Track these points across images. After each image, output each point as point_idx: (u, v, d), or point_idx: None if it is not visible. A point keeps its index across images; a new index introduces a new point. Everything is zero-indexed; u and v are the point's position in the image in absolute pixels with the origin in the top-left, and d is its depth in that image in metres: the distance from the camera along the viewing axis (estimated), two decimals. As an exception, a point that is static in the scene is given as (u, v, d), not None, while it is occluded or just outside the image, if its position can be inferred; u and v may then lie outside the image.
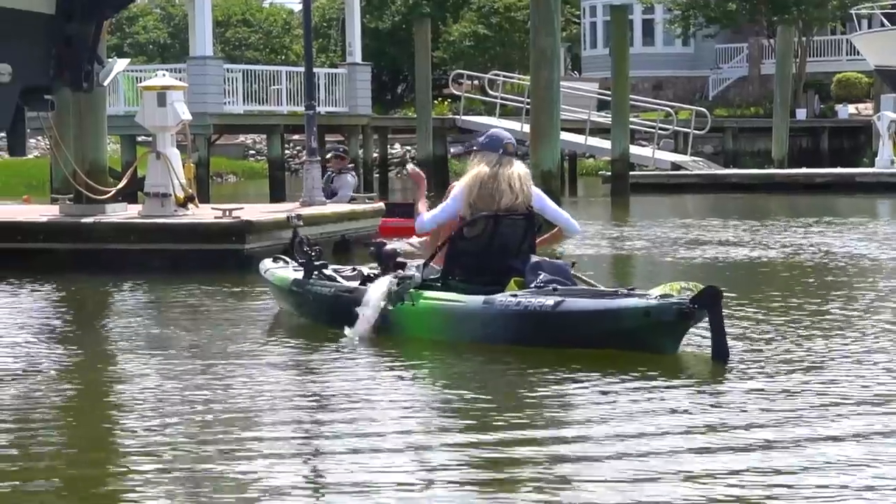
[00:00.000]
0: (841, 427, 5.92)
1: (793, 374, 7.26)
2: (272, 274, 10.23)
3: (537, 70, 21.00)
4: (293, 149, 43.32)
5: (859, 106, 46.20)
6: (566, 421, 6.31)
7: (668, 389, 6.85)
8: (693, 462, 5.34)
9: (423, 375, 7.59)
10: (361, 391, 6.97)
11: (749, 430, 5.88)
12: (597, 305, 7.87)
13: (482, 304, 8.21)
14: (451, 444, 5.78)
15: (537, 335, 7.95)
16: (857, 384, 6.96)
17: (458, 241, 8.61)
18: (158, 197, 14.98)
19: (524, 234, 8.69)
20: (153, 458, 5.59)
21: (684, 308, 7.57)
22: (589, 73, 50.93)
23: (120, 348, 8.63)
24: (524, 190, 8.66)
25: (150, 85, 15.54)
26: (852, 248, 15.59)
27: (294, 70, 29.88)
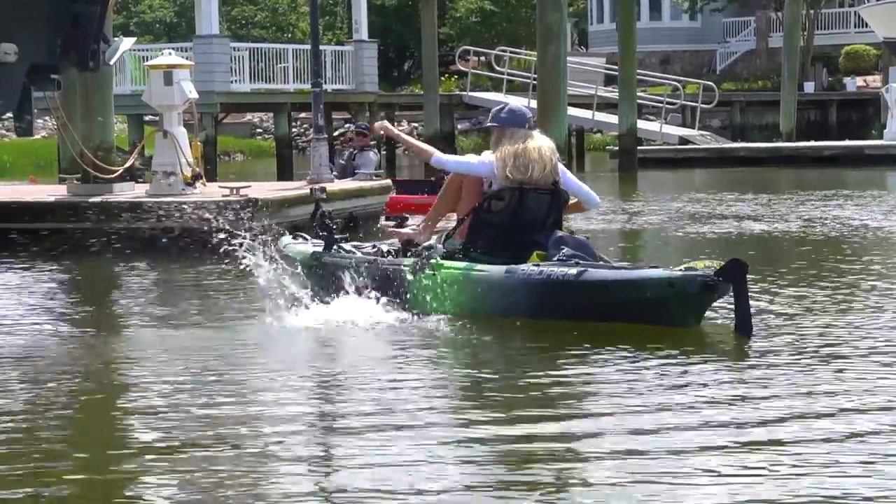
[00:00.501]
0: (869, 401, 5.87)
1: (818, 347, 7.21)
2: (291, 248, 10.13)
3: (544, 45, 20.96)
4: (300, 127, 43.28)
5: (867, 78, 46.06)
6: (588, 396, 6.25)
7: (691, 364, 6.79)
8: (715, 438, 5.30)
9: (443, 351, 7.46)
10: (379, 369, 6.88)
11: (773, 406, 5.83)
12: (620, 275, 7.82)
13: (504, 273, 8.15)
14: (470, 421, 5.71)
15: (559, 305, 7.88)
16: (885, 358, 6.90)
17: (483, 213, 8.55)
18: (166, 175, 14.99)
19: (549, 208, 8.63)
20: (161, 438, 5.57)
21: (709, 280, 7.48)
22: (596, 48, 50.80)
23: (131, 327, 8.62)
24: (553, 162, 8.63)
25: (156, 64, 15.53)
26: (872, 221, 15.51)
27: (300, 48, 29.86)
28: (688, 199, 20.61)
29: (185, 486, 4.90)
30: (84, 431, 5.93)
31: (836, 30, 49.76)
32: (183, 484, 4.92)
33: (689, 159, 31.96)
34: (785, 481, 4.67)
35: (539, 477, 4.82)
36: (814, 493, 4.53)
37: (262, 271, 8.99)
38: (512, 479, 4.81)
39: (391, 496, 4.62)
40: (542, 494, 4.60)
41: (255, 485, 4.82)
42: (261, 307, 9.00)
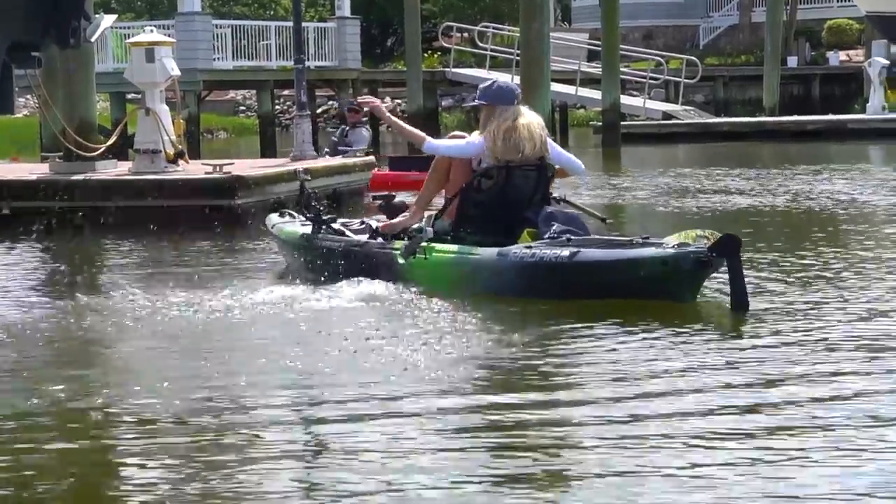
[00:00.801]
0: (866, 378, 5.84)
1: (814, 322, 7.20)
2: (280, 229, 10.15)
3: (527, 21, 20.90)
4: (283, 104, 43.17)
5: (850, 52, 46.06)
6: (582, 373, 6.20)
7: (687, 340, 6.76)
8: (712, 415, 5.28)
9: (433, 333, 7.29)
10: (371, 349, 6.78)
11: (770, 382, 5.82)
12: (613, 255, 7.79)
13: (496, 256, 8.13)
14: (465, 401, 5.67)
15: (553, 287, 7.86)
16: (882, 332, 6.88)
17: (472, 193, 8.52)
18: (148, 153, 14.95)
19: (536, 185, 8.64)
20: (148, 424, 5.50)
21: (703, 257, 7.49)
22: (579, 24, 50.70)
23: (116, 307, 8.53)
24: (542, 138, 8.62)
25: (138, 41, 15.48)
26: (861, 196, 15.49)
27: (283, 25, 29.76)
28: (674, 174, 20.60)
29: (168, 468, 4.89)
30: (60, 410, 5.90)
31: (819, 4, 49.71)
32: (166, 467, 4.91)
33: (672, 134, 31.95)
34: (783, 467, 4.61)
35: (531, 461, 4.78)
36: (809, 480, 4.46)
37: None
38: (504, 463, 4.77)
39: (379, 481, 4.58)
40: (535, 479, 4.58)
41: (234, 473, 4.77)
42: (249, 286, 8.98)
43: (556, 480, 4.59)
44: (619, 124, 30.82)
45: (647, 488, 4.41)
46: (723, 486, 4.40)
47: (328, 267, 9.18)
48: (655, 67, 36.92)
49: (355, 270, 8.80)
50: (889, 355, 6.35)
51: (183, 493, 4.56)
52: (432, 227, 8.62)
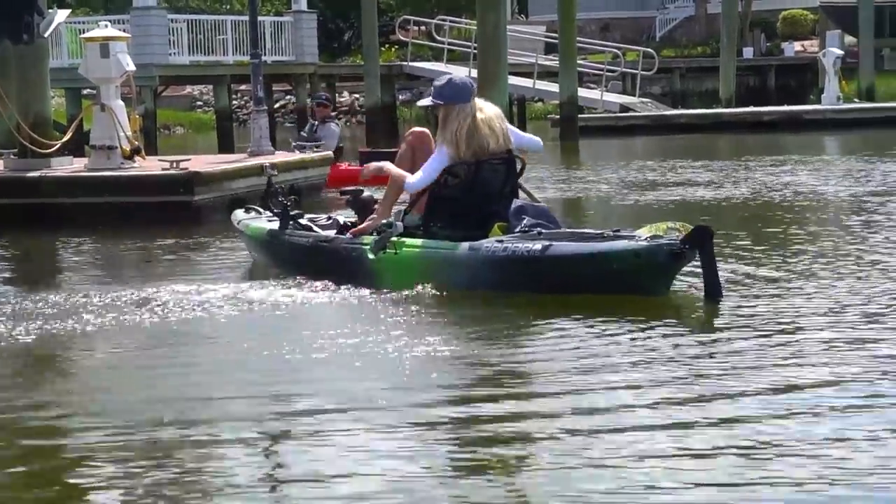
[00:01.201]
0: (841, 368, 5.83)
1: (788, 311, 7.20)
2: (246, 225, 10.05)
3: (483, 14, 20.89)
4: (241, 99, 43.03)
5: (805, 43, 46.39)
6: (555, 369, 6.05)
7: (661, 333, 6.71)
8: (689, 408, 5.24)
9: (410, 328, 7.21)
10: (344, 347, 6.68)
11: (747, 372, 5.80)
12: (585, 249, 7.71)
13: (468, 250, 8.06)
14: (431, 400, 5.57)
15: (525, 281, 7.79)
16: (854, 321, 6.90)
17: (440, 188, 8.44)
18: (104, 150, 14.85)
19: (505, 178, 8.56)
20: (108, 430, 5.37)
21: (675, 249, 7.45)
22: (536, 17, 50.80)
23: (73, 307, 8.43)
24: (504, 130, 8.56)
25: (92, 36, 15.36)
26: (826, 186, 15.49)
27: (239, 19, 29.64)
28: (636, 166, 20.52)
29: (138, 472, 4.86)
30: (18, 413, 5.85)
31: (774, -5, 50.03)
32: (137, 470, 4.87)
33: (630, 127, 32.05)
34: (758, 460, 4.58)
35: (500, 457, 4.74)
36: (783, 471, 4.44)
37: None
38: (473, 459, 4.73)
39: (349, 480, 4.53)
40: (502, 475, 4.55)
41: (204, 471, 4.73)
42: (211, 283, 8.92)
43: (530, 473, 4.58)
44: (576, 117, 30.88)
45: (621, 479, 4.40)
46: (693, 474, 4.41)
47: (296, 263, 9.12)
48: (612, 60, 37.04)
49: (324, 266, 8.74)
50: (863, 342, 6.37)
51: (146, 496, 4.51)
52: (402, 221, 8.53)
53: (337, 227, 9.29)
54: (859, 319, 6.99)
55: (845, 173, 17.40)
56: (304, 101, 31.80)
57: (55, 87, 25.16)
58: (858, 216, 12.21)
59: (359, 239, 8.74)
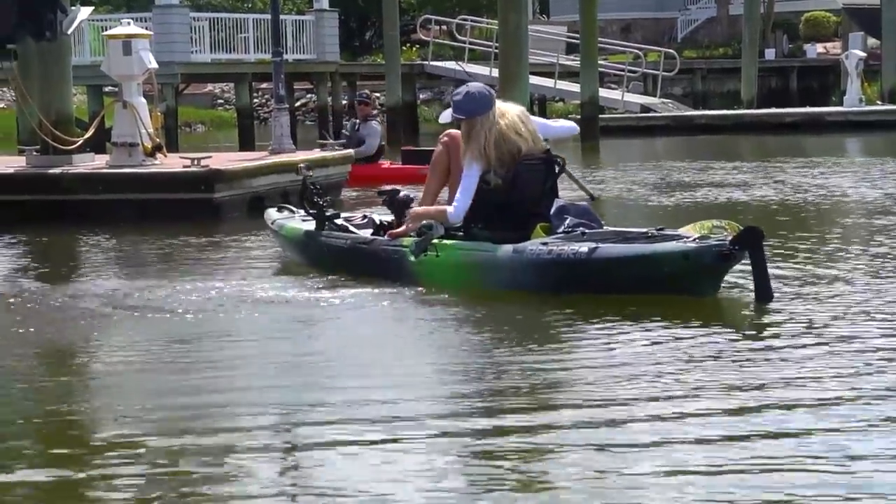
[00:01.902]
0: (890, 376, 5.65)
1: (840, 316, 7.01)
2: (280, 225, 9.93)
3: (505, 14, 20.86)
4: (262, 97, 43.09)
5: (827, 45, 46.23)
6: (601, 370, 5.95)
7: (710, 338, 6.55)
8: (738, 415, 5.09)
9: (450, 332, 7.08)
10: (381, 352, 6.60)
11: (798, 380, 5.60)
12: (633, 251, 7.58)
13: (512, 253, 7.94)
14: (475, 402, 5.46)
15: (572, 283, 7.67)
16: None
17: (480, 190, 8.26)
18: (126, 147, 14.89)
19: (545, 177, 8.41)
20: (131, 435, 5.27)
21: (724, 250, 7.32)
22: (557, 17, 50.74)
23: (96, 303, 8.43)
24: (531, 129, 8.41)
25: (114, 33, 15.41)
26: (866, 189, 15.22)
27: (261, 17, 29.68)
28: (666, 167, 20.26)
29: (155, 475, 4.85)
30: (35, 413, 5.82)
31: (797, -3, 49.89)
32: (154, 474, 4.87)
33: (650, 127, 31.99)
34: (810, 472, 4.40)
35: (533, 470, 4.57)
36: (833, 485, 4.27)
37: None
38: (506, 470, 4.55)
39: (373, 489, 4.40)
40: (535, 489, 4.36)
41: (219, 480, 4.63)
42: (236, 281, 8.86)
43: (573, 482, 4.40)
44: (597, 117, 30.81)
45: (661, 495, 4.22)
46: (736, 489, 4.25)
47: (333, 264, 9.03)
48: (633, 60, 36.96)
49: (362, 268, 8.68)
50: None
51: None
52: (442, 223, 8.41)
53: (373, 227, 9.18)
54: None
55: (882, 175, 17.18)
56: (325, 99, 31.85)
57: (77, 84, 25.21)
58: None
59: (398, 241, 8.64)
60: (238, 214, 14.12)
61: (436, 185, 8.84)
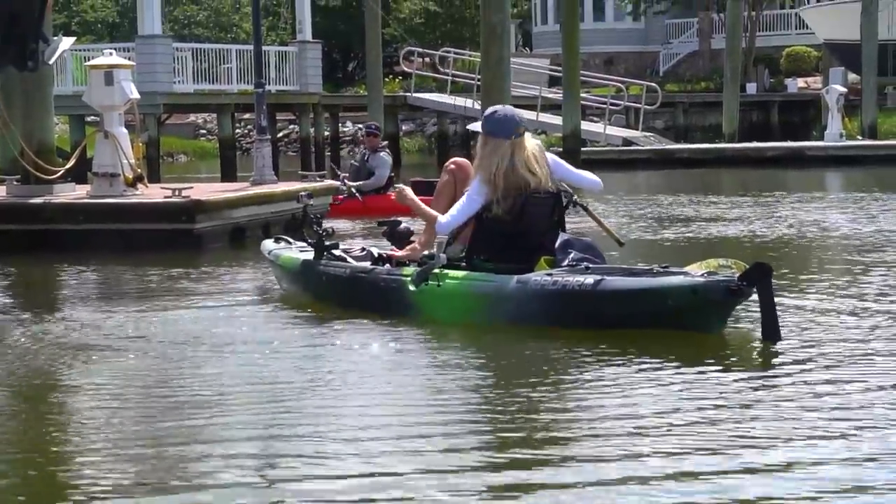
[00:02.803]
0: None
1: (849, 353, 6.88)
2: (277, 255, 9.81)
3: (488, 46, 20.95)
4: (244, 127, 43.09)
5: (808, 80, 46.46)
6: (601, 408, 5.86)
7: (715, 376, 6.45)
8: (746, 456, 5.00)
9: (445, 359, 7.04)
10: (374, 377, 6.56)
11: (803, 424, 5.49)
12: (640, 284, 7.48)
13: (515, 283, 7.83)
14: (470, 439, 5.38)
15: (576, 316, 7.57)
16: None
17: (486, 221, 8.16)
18: (107, 177, 14.86)
19: (552, 211, 8.29)
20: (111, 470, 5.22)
21: (733, 286, 7.21)
22: (540, 50, 50.93)
23: (72, 336, 8.37)
24: (544, 167, 8.25)
25: (96, 64, 15.40)
26: (863, 225, 15.02)
27: (244, 48, 29.69)
28: (653, 201, 20.04)
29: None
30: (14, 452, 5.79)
31: (778, 31, 50.18)
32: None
33: (632, 160, 32.05)
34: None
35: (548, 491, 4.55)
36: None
37: None
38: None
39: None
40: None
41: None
42: (216, 312, 8.80)
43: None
44: (579, 150, 30.88)
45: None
46: None
47: (332, 295, 8.94)
48: (616, 93, 37.08)
49: (362, 298, 8.59)
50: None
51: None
52: (444, 252, 8.29)
53: (371, 259, 9.08)
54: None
55: (881, 210, 17.05)
56: (308, 130, 31.87)
57: (59, 114, 25.21)
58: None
59: (399, 270, 8.55)
60: (219, 245, 14.09)
61: (441, 213, 8.61)
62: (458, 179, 8.61)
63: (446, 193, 8.65)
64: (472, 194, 8.21)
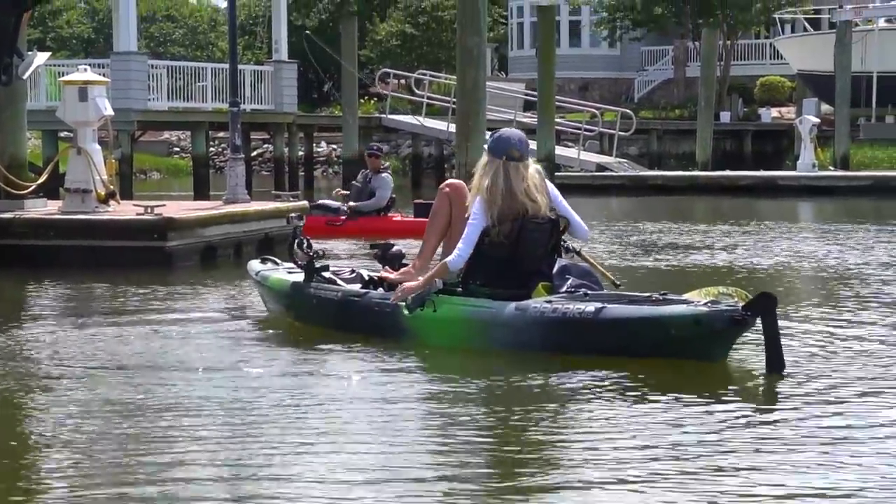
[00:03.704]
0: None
1: (855, 385, 6.86)
2: (265, 277, 9.59)
3: (463, 70, 20.93)
4: (218, 146, 43.02)
5: (782, 109, 46.68)
6: (600, 440, 5.74)
7: (718, 405, 6.37)
8: (756, 489, 4.93)
9: (442, 392, 6.88)
10: (370, 411, 6.39)
11: (807, 462, 5.40)
12: (642, 312, 7.39)
13: (514, 310, 7.73)
14: (462, 471, 5.27)
15: (577, 343, 7.48)
16: None
17: (482, 244, 8.02)
18: (79, 193, 14.79)
19: (549, 237, 8.18)
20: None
21: (737, 316, 7.15)
22: (516, 74, 51.01)
23: (39, 354, 8.31)
24: (544, 195, 8.14)
25: (71, 79, 15.34)
26: (842, 254, 14.98)
27: (219, 66, 29.65)
28: (632, 228, 19.94)
29: None
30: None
31: (752, 61, 50.40)
32: None
33: (606, 186, 32.09)
34: None
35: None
36: None
37: None
38: None
39: None
40: None
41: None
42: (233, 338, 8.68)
43: None
44: (553, 175, 30.90)
45: None
46: None
47: (323, 318, 8.79)
48: (590, 119, 37.18)
49: (354, 322, 8.47)
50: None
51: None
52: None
53: (361, 281, 8.91)
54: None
55: (876, 241, 16.94)
56: (282, 150, 31.83)
57: (32, 129, 25.07)
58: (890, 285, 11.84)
59: (390, 294, 8.37)
60: (191, 263, 14.04)
61: (435, 239, 8.62)
62: (453, 201, 8.48)
63: (441, 216, 8.54)
64: (472, 222, 8.07)
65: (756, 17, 47.51)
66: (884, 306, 10.28)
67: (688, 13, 47.36)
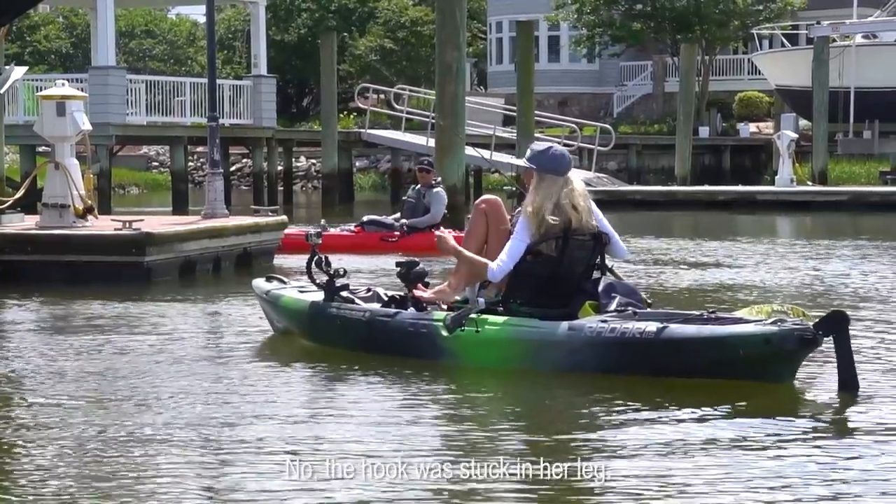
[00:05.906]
0: None
1: None
2: (277, 296, 9.20)
3: (442, 85, 20.97)
4: (197, 161, 42.93)
5: (760, 125, 46.81)
6: (660, 464, 5.55)
7: (790, 429, 6.18)
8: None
9: (492, 414, 6.73)
10: (399, 425, 6.27)
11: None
12: (707, 332, 7.15)
13: (568, 330, 7.48)
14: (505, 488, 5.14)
15: (636, 364, 7.24)
16: None
17: (524, 262, 7.80)
18: (57, 208, 14.72)
19: (592, 254, 7.98)
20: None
21: (808, 334, 6.95)
22: (495, 89, 51.07)
23: (16, 368, 8.27)
24: (588, 207, 7.99)
25: (48, 94, 15.28)
26: (860, 272, 14.46)
27: (198, 81, 29.61)
28: (634, 244, 19.62)
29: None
30: None
31: (731, 76, 50.53)
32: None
33: (585, 201, 32.02)
34: None
35: None
36: None
37: None
38: None
39: None
40: None
41: None
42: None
43: None
44: (532, 190, 30.88)
45: None
46: None
47: (348, 339, 8.45)
48: (569, 134, 37.21)
49: (384, 344, 8.15)
50: None
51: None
52: (477, 295, 7.90)
53: (378, 300, 8.57)
54: None
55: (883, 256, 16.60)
56: (261, 164, 31.78)
57: (9, 144, 24.99)
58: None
59: (427, 314, 8.06)
60: (169, 279, 13.98)
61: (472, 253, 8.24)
62: (489, 217, 8.24)
63: (478, 233, 8.25)
64: (516, 237, 7.87)
65: (734, 33, 47.66)
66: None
67: (666, 29, 47.48)
